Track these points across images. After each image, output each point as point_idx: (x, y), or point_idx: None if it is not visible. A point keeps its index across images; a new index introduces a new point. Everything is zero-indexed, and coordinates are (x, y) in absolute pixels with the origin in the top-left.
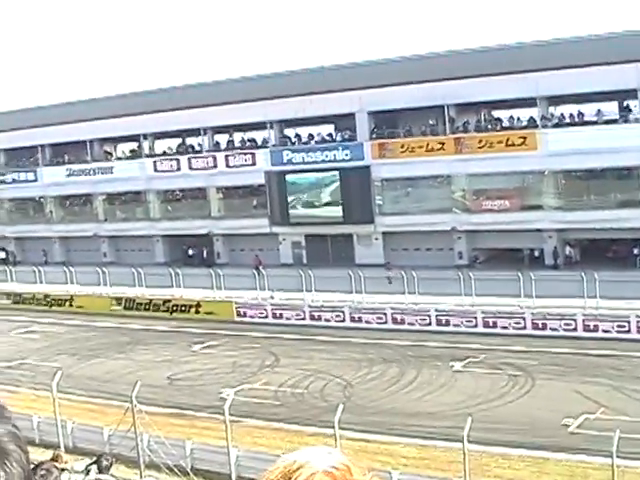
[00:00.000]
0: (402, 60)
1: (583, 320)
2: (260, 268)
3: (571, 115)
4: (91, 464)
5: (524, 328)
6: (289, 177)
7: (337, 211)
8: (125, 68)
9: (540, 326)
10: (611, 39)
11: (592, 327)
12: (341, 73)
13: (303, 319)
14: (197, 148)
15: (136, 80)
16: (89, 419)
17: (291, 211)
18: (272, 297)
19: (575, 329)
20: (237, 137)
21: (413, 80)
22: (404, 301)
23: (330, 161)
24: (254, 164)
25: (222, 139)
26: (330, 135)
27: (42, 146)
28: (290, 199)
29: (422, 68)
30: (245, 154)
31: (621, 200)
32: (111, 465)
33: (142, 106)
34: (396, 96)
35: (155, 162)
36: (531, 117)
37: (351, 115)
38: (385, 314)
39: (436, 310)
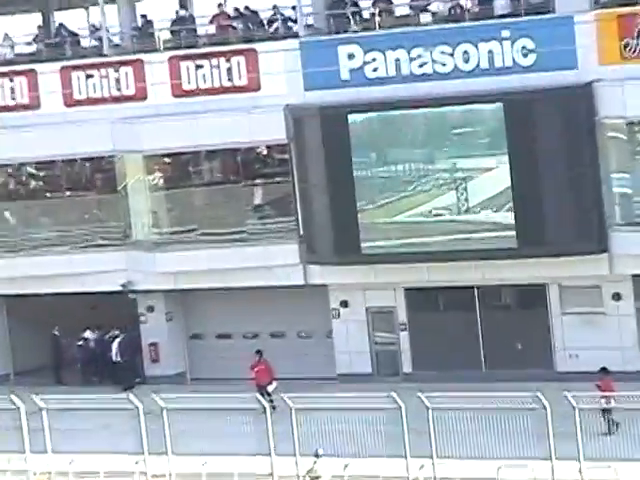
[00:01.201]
0: None
1: None
2: (270, 387)
3: None
4: None
5: None
6: (355, 118)
7: (499, 219)
8: None
9: None
10: None
11: None
12: None
13: None
14: (86, 40)
15: None
16: None
17: (363, 221)
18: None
19: None
20: (201, 5)
21: None
22: None
23: (475, 73)
24: (254, 88)
25: (159, 12)
26: None
27: None
28: (360, 180)
29: None
30: (226, 55)
31: None
32: None
33: None
34: None
35: None
36: None
37: None
38: None
39: None
